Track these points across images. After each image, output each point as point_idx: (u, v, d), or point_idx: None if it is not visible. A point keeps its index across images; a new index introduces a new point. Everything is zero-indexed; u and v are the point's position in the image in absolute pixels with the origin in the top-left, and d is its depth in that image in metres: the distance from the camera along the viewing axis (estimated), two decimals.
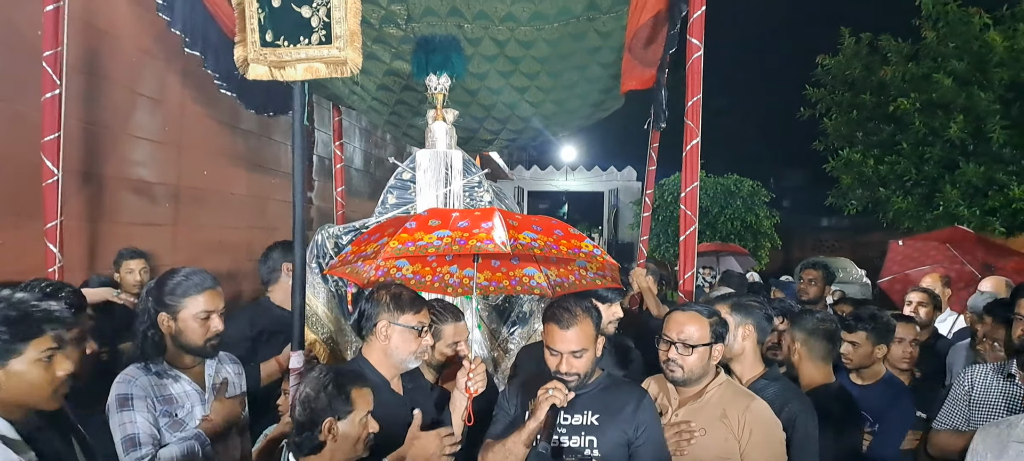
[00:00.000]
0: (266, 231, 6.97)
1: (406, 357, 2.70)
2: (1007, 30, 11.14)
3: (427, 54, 4.14)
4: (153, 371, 2.68)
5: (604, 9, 4.29)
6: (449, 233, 2.65)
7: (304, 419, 2.20)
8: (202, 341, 2.73)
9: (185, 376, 2.75)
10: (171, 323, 2.70)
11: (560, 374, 2.59)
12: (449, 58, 4.13)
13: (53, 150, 3.43)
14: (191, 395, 2.73)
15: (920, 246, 6.69)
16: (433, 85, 4.13)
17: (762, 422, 2.63)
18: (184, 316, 2.70)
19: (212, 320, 2.74)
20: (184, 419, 2.67)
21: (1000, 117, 11.14)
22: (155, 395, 2.63)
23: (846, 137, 13.73)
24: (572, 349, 2.59)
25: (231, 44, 4.14)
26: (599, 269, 3.13)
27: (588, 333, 2.61)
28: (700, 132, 3.69)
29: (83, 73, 4.42)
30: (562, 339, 2.59)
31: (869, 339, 3.52)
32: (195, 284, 2.73)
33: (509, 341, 4.00)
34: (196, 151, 5.81)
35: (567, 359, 2.59)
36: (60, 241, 3.47)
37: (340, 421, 2.20)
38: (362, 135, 9.61)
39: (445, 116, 4.12)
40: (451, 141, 4.13)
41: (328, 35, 2.99)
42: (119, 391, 2.59)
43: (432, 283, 3.23)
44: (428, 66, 4.13)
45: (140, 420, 2.55)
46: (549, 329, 2.64)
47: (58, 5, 3.39)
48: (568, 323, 2.59)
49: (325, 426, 2.18)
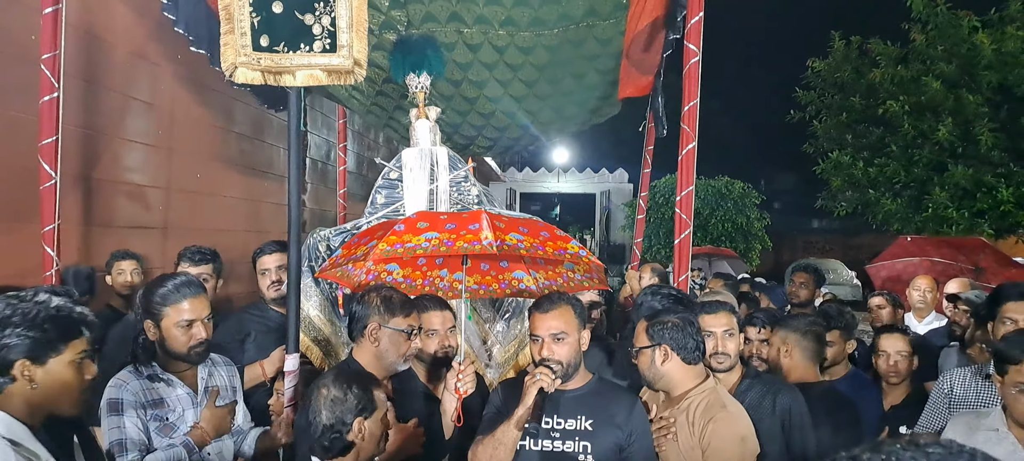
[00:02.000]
0: (259, 234, 6.97)
1: (396, 359, 2.73)
2: (995, 33, 11.24)
3: (404, 54, 4.17)
4: (145, 375, 2.67)
5: (604, 16, 4.32)
6: (437, 235, 2.68)
7: (331, 420, 2.21)
8: (185, 349, 2.68)
9: (178, 380, 2.74)
10: (156, 330, 2.68)
11: (543, 360, 2.61)
12: (425, 56, 4.15)
13: (51, 153, 3.42)
14: (183, 399, 2.73)
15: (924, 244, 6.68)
16: (413, 84, 4.16)
17: (720, 437, 2.57)
18: (166, 324, 2.66)
19: (195, 327, 2.69)
20: (175, 423, 2.68)
21: (988, 120, 11.25)
22: (146, 400, 2.62)
23: (836, 139, 13.83)
24: (553, 331, 2.61)
25: None
26: (586, 271, 3.16)
27: (569, 319, 2.64)
28: (695, 136, 3.72)
29: (80, 77, 4.42)
30: (543, 323, 2.63)
31: (842, 336, 3.74)
32: (177, 291, 2.68)
33: (501, 333, 4.02)
34: (189, 154, 5.81)
35: (548, 344, 2.62)
36: (57, 244, 3.46)
37: (367, 420, 2.24)
38: (355, 137, 9.61)
39: (428, 114, 4.14)
40: (435, 138, 4.15)
41: (333, 44, 2.98)
42: (110, 396, 2.59)
43: (422, 287, 3.25)
44: (405, 66, 4.15)
45: (129, 425, 2.55)
46: (532, 318, 2.70)
47: (57, 8, 3.39)
48: (548, 307, 2.65)
49: (356, 425, 2.21)
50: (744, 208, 16.36)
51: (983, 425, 2.65)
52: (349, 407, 2.22)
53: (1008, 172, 11.32)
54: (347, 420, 2.21)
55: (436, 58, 4.18)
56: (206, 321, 2.73)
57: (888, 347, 3.75)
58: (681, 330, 2.71)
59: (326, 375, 2.34)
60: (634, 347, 2.81)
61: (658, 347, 2.72)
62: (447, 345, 2.99)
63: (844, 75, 13.52)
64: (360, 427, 2.22)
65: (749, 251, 16.31)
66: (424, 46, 4.17)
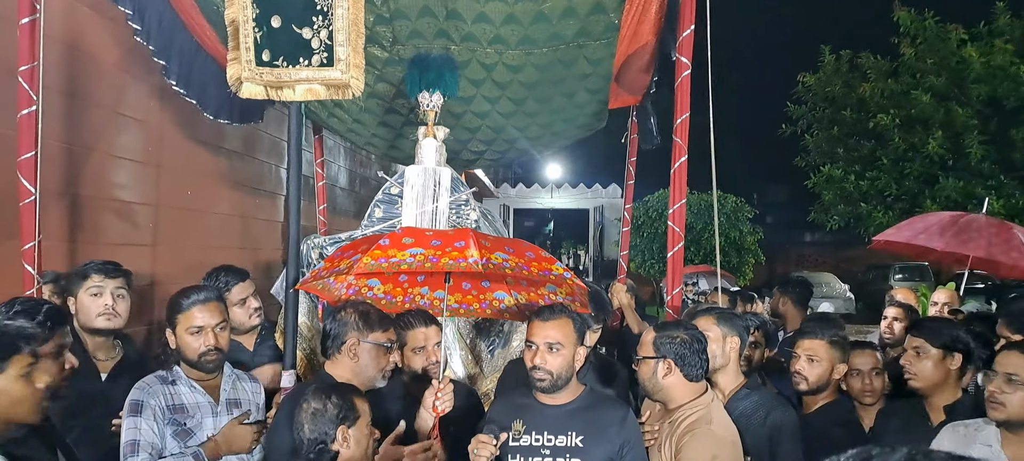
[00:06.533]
0: (250, 251, 6.90)
1: (375, 374, 2.74)
2: (984, 46, 11.34)
3: (421, 71, 4.14)
4: (169, 381, 2.76)
5: (595, 36, 4.24)
6: (422, 251, 2.67)
7: (315, 434, 2.23)
8: (196, 355, 2.76)
9: (199, 387, 2.80)
10: (172, 337, 2.80)
11: (534, 368, 2.59)
12: (442, 75, 4.13)
13: (30, 169, 3.35)
14: (203, 407, 2.78)
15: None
16: (425, 102, 4.13)
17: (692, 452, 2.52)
18: (180, 331, 2.77)
19: (205, 334, 2.76)
20: (193, 429, 2.73)
21: (978, 132, 11.31)
22: (166, 404, 2.70)
23: (827, 153, 13.90)
24: (549, 340, 2.59)
25: (196, 50, 4.08)
26: (569, 293, 3.11)
27: (567, 331, 2.63)
28: (687, 150, 3.70)
29: (61, 93, 4.36)
30: (540, 330, 2.61)
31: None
32: (187, 299, 2.79)
33: (486, 362, 3.97)
34: (178, 170, 5.75)
35: (542, 353, 2.59)
36: (38, 262, 3.39)
37: (351, 428, 2.24)
38: (347, 154, 9.57)
39: (436, 133, 4.12)
40: (441, 158, 4.13)
41: (330, 57, 2.99)
42: (133, 398, 2.68)
43: (403, 303, 3.21)
44: (421, 83, 4.13)
45: (145, 427, 2.62)
46: (530, 324, 2.68)
47: (34, 18, 3.33)
48: (548, 317, 2.64)
49: (339, 434, 2.22)
50: (737, 222, 16.37)
51: (979, 438, 2.61)
52: (330, 417, 2.23)
53: (998, 184, 11.38)
54: (330, 430, 2.22)
55: (452, 79, 4.16)
56: (218, 329, 2.80)
57: (861, 364, 3.41)
58: (688, 346, 2.69)
59: (304, 391, 2.35)
60: (638, 355, 2.78)
61: (662, 360, 2.69)
62: (433, 361, 2.96)
63: (835, 89, 13.61)
64: (344, 435, 2.23)
65: (742, 265, 16.30)
66: (442, 65, 4.14)
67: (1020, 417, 2.45)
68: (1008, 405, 2.46)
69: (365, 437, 2.28)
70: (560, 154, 23.42)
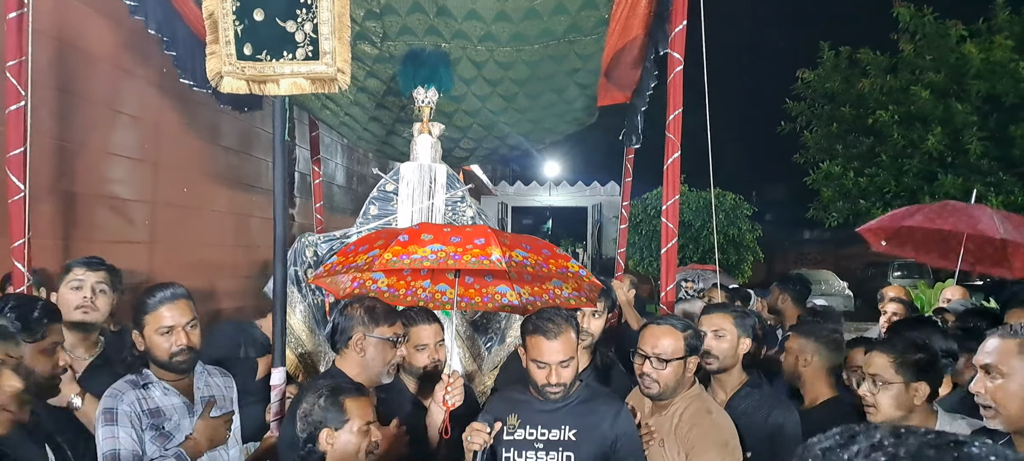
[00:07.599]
0: (247, 249, 6.88)
1: (381, 368, 2.73)
2: (983, 42, 11.32)
3: (415, 67, 4.12)
4: (141, 384, 2.65)
5: (586, 31, 4.22)
6: (443, 247, 2.62)
7: (305, 434, 2.24)
8: (166, 356, 2.64)
9: (173, 389, 2.70)
10: (140, 339, 2.67)
11: (548, 386, 2.58)
12: (437, 71, 4.11)
13: (19, 165, 3.32)
14: (179, 408, 2.70)
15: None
16: (420, 98, 4.11)
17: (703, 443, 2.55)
18: (148, 332, 2.64)
19: (175, 334, 2.64)
20: (171, 432, 2.65)
21: (977, 129, 11.29)
22: (141, 409, 2.61)
23: (826, 150, 13.87)
24: (560, 359, 2.58)
25: (198, 42, 4.01)
26: (574, 288, 3.09)
27: (572, 342, 2.63)
28: (680, 146, 3.68)
29: (54, 88, 4.34)
30: (550, 350, 2.58)
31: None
32: (155, 298, 2.66)
33: (483, 360, 3.96)
34: (174, 167, 5.73)
35: (556, 370, 2.58)
36: (28, 259, 3.36)
37: (338, 431, 2.23)
38: (344, 151, 9.55)
39: (431, 130, 4.10)
40: (436, 155, 4.10)
41: (315, 51, 2.95)
42: (105, 405, 2.58)
43: (405, 296, 3.19)
44: (415, 79, 4.10)
45: (123, 435, 2.54)
46: (535, 342, 2.62)
47: (22, 12, 3.30)
48: (554, 333, 2.59)
49: (322, 436, 2.22)
50: (736, 220, 16.34)
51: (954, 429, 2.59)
52: (315, 420, 2.24)
53: (998, 181, 11.36)
54: (315, 432, 2.23)
55: (446, 75, 4.15)
56: (188, 328, 2.67)
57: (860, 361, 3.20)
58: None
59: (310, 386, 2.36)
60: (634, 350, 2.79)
61: None
62: (436, 359, 2.96)
63: (834, 85, 13.59)
64: (327, 437, 2.23)
65: (741, 263, 16.28)
66: (436, 61, 4.13)
67: (892, 417, 2.41)
68: (880, 407, 2.44)
69: (356, 440, 2.25)
70: (558, 152, 23.42)
